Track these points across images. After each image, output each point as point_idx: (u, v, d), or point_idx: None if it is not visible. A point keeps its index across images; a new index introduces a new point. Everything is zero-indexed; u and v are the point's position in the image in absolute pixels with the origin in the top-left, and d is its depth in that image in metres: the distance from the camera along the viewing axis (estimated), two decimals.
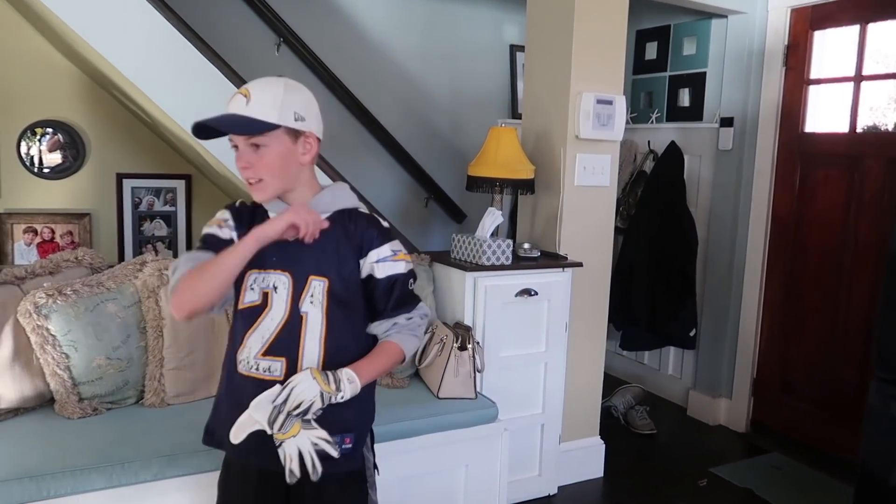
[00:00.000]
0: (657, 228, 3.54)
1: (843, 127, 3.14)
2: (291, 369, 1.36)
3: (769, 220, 3.39)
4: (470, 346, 2.41)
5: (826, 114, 3.26)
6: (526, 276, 2.62)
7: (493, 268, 2.53)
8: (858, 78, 3.07)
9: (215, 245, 1.39)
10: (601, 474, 2.97)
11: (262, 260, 1.37)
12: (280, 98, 1.35)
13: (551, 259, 2.74)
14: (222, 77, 2.35)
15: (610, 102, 2.78)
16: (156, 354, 2.09)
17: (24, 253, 2.96)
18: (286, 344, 1.37)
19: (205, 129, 1.34)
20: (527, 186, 2.74)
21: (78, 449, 1.80)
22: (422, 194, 3.91)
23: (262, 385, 1.33)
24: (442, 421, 2.25)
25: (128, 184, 3.13)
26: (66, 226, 3.02)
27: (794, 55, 3.28)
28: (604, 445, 2.98)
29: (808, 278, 3.26)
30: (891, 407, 2.09)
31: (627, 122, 3.79)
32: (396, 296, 1.43)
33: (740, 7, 3.36)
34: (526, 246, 2.72)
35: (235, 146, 1.37)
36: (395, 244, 1.45)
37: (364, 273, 1.42)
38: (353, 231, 1.42)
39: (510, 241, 2.59)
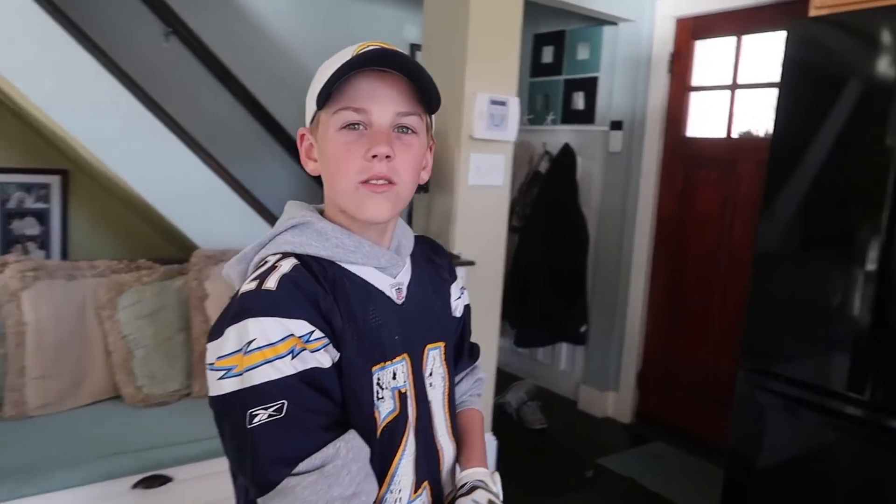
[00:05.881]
0: (552, 228, 3.63)
1: (721, 132, 3.33)
2: (437, 497, 0.93)
3: (654, 220, 3.55)
4: None
5: (706, 119, 3.45)
6: None
7: None
8: (734, 86, 3.26)
9: (324, 397, 0.80)
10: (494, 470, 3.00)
11: (383, 345, 0.87)
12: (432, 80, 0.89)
13: None
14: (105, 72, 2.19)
15: (504, 103, 2.82)
16: (16, 363, 1.94)
17: None
18: (426, 459, 0.92)
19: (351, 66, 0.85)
20: (422, 186, 2.73)
21: None
22: None
23: None
24: None
25: None
26: None
27: (678, 63, 3.44)
28: (496, 441, 3.03)
29: (689, 276, 3.44)
30: (756, 395, 2.24)
31: (524, 124, 3.87)
32: (470, 336, 1.09)
33: (629, 15, 3.49)
34: None
35: (359, 122, 0.84)
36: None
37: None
38: (440, 264, 1.04)
39: None
